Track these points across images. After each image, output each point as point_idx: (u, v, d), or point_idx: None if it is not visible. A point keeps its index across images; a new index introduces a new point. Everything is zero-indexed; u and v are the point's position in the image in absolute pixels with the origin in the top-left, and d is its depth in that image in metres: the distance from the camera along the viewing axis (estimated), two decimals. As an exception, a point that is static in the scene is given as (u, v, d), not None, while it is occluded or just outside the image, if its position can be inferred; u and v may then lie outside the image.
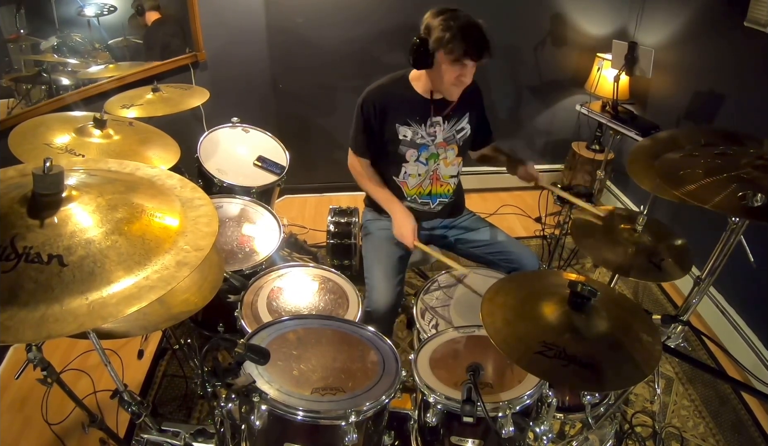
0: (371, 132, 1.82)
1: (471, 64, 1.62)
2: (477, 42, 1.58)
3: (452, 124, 1.83)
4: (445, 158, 1.85)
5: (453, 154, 1.86)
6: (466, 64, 1.61)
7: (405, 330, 2.29)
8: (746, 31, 2.22)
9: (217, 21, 2.74)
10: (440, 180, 1.89)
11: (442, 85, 1.69)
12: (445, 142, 1.83)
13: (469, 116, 1.85)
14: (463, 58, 1.59)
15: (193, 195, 1.09)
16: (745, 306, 2.34)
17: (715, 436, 1.97)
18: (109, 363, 1.20)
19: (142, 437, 1.43)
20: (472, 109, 1.86)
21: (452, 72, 1.63)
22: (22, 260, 0.82)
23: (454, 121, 1.83)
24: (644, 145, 1.62)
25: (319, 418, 1.13)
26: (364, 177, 1.91)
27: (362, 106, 1.79)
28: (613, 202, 3.39)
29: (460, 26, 1.57)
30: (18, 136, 1.57)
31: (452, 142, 1.84)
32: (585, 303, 1.12)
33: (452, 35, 1.56)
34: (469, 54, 1.58)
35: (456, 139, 1.85)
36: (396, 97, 1.78)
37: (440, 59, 1.62)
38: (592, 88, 3.01)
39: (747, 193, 1.19)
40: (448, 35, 1.57)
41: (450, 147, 1.84)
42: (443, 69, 1.64)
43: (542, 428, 1.23)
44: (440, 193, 1.91)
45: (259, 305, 1.58)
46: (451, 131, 1.83)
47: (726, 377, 1.98)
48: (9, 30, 2.38)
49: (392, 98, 1.78)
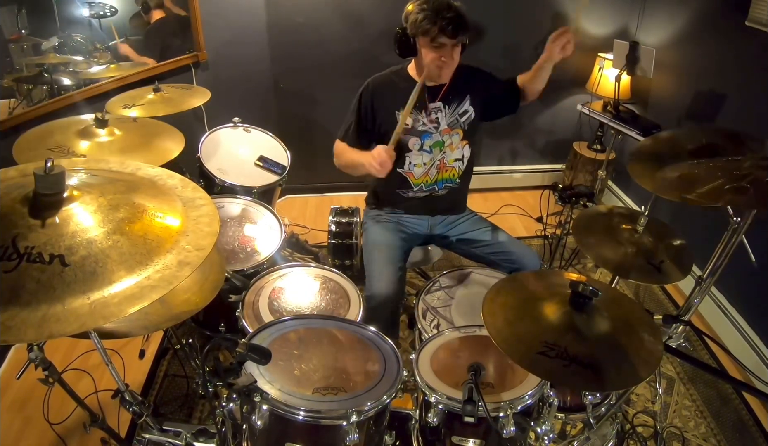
0: (364, 122, 1.85)
1: (449, 42, 1.65)
2: (450, 20, 1.61)
3: (454, 108, 1.83)
4: (450, 144, 1.86)
5: (458, 138, 1.86)
6: (444, 43, 1.65)
7: (406, 330, 2.29)
8: (747, 30, 2.22)
9: (218, 21, 2.74)
10: (446, 166, 1.89)
11: (427, 69, 1.72)
12: (450, 128, 1.84)
13: (470, 98, 1.85)
14: (438, 38, 1.63)
15: (194, 195, 1.09)
16: (746, 306, 2.33)
17: (716, 436, 1.96)
18: (111, 362, 1.20)
19: (144, 437, 1.43)
20: (473, 90, 1.85)
21: (432, 53, 1.67)
22: (23, 260, 0.82)
23: (455, 105, 1.83)
24: (645, 144, 1.61)
25: (321, 418, 1.13)
26: (341, 151, 1.91)
27: (361, 95, 1.85)
28: (615, 201, 3.39)
29: (433, 8, 1.62)
30: (22, 144, 1.57)
31: (456, 126, 1.85)
32: (586, 303, 1.12)
33: (424, 17, 1.62)
34: (444, 31, 1.62)
35: (460, 123, 1.85)
36: (394, 85, 1.82)
37: (420, 43, 1.69)
38: (593, 88, 3.00)
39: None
40: (420, 17, 1.63)
41: (455, 131, 1.85)
42: (424, 53, 1.69)
43: (543, 428, 1.23)
44: (446, 178, 1.91)
45: (260, 305, 1.58)
46: (454, 115, 1.84)
47: (727, 377, 1.98)
48: (10, 30, 2.38)
49: (390, 86, 1.82)
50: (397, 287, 1.71)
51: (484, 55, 3.09)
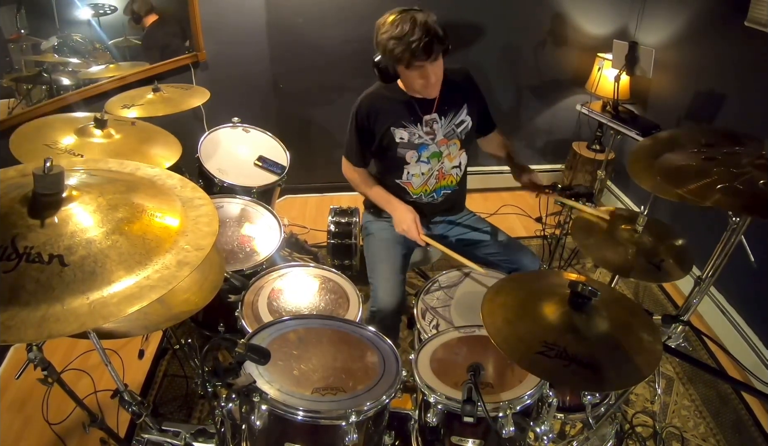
0: (365, 140, 1.83)
1: (426, 62, 1.59)
2: (420, 43, 1.52)
3: (450, 119, 1.82)
4: (448, 154, 1.85)
5: (456, 148, 1.86)
6: (423, 66, 1.60)
7: (406, 330, 2.29)
8: (747, 30, 2.22)
9: (217, 21, 2.74)
10: (445, 175, 1.89)
11: (414, 91, 1.72)
12: (446, 138, 1.82)
13: (468, 108, 1.83)
14: (413, 62, 1.58)
15: (193, 195, 1.09)
16: (745, 306, 2.34)
17: (715, 436, 1.97)
18: (110, 363, 1.20)
19: (143, 437, 1.43)
20: (470, 99, 1.84)
21: (414, 77, 1.64)
22: (23, 260, 0.82)
23: (451, 115, 1.81)
24: (645, 144, 1.61)
25: (320, 418, 1.13)
26: (358, 182, 1.94)
27: (356, 114, 1.80)
28: (614, 202, 3.39)
29: (400, 35, 1.54)
30: (19, 138, 1.57)
31: (453, 136, 1.83)
32: (585, 303, 1.12)
33: (394, 46, 1.55)
34: (417, 56, 1.55)
35: (457, 134, 1.83)
36: (387, 100, 1.78)
37: (399, 70, 1.65)
38: (592, 88, 3.00)
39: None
40: (390, 47, 1.56)
41: (452, 142, 1.84)
42: (406, 76, 1.66)
43: (543, 428, 1.23)
44: (444, 186, 1.91)
45: (259, 305, 1.58)
46: (450, 126, 1.82)
47: (726, 377, 1.98)
48: (9, 30, 2.38)
49: (383, 102, 1.78)
50: (401, 297, 1.73)
51: (484, 55, 3.11)
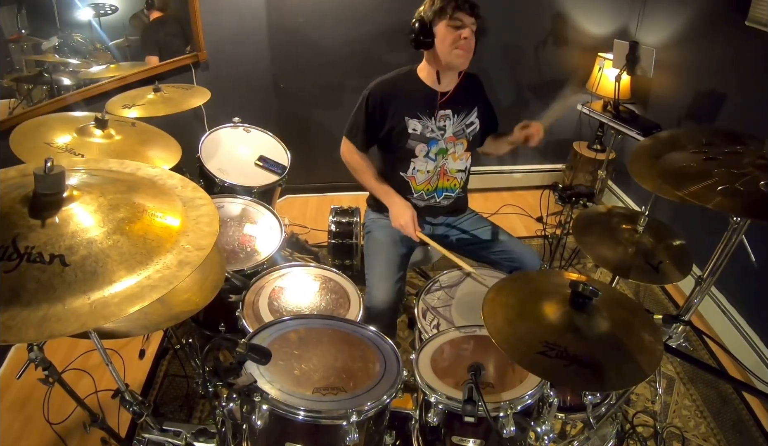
0: (374, 126, 1.82)
1: (467, 19, 1.65)
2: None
3: (462, 118, 1.83)
4: (453, 153, 1.86)
5: (462, 148, 1.86)
6: (463, 20, 1.65)
7: (406, 330, 2.29)
8: (747, 30, 2.22)
9: (218, 21, 2.74)
10: (447, 175, 1.89)
11: (447, 56, 1.70)
12: (455, 137, 1.84)
13: (477, 110, 1.86)
14: (455, 14, 1.64)
15: (194, 195, 1.09)
16: (746, 305, 2.33)
17: (716, 436, 1.96)
18: (111, 362, 1.20)
19: (144, 437, 1.43)
20: (479, 101, 1.87)
21: (451, 34, 1.66)
22: (24, 260, 0.82)
23: (463, 115, 1.83)
24: (645, 144, 1.61)
25: (321, 418, 1.12)
26: (360, 168, 1.91)
27: (368, 99, 1.79)
28: (615, 201, 3.39)
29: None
30: (19, 135, 1.57)
31: (461, 136, 1.85)
32: (586, 302, 1.12)
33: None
34: (461, 8, 1.63)
35: (465, 134, 1.85)
36: (404, 89, 1.79)
37: (438, 30, 1.68)
38: (593, 88, 3.00)
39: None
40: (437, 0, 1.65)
41: (459, 141, 1.85)
42: (443, 35, 1.68)
43: (543, 428, 1.23)
44: (447, 187, 1.91)
45: (260, 305, 1.58)
46: (461, 125, 1.84)
47: (727, 377, 1.98)
48: (10, 30, 2.39)
49: (400, 91, 1.79)
50: (395, 297, 1.71)
51: (485, 55, 3.10)
